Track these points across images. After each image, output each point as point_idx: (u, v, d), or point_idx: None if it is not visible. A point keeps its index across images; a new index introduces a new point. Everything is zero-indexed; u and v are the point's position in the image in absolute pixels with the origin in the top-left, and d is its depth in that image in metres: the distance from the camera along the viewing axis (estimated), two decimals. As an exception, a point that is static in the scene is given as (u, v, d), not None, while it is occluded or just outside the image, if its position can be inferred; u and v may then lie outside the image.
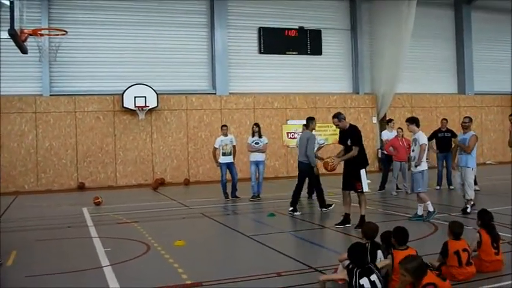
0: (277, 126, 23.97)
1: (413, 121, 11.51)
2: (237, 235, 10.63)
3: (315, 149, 15.20)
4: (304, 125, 14.80)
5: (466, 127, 12.09)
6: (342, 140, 10.93)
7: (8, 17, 11.02)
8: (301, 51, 25.00)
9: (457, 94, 28.29)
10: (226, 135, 16.13)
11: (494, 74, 28.67)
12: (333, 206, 12.83)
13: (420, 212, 11.31)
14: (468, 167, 11.69)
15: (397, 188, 16.00)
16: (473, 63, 28.36)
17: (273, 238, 9.95)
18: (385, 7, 24.94)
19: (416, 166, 11.23)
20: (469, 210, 11.52)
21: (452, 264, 6.59)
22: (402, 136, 15.62)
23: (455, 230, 6.87)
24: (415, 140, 11.35)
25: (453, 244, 6.74)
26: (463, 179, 11.78)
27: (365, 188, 10.74)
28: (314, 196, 13.90)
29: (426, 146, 11.28)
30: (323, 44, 25.36)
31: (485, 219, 7.27)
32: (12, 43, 11.99)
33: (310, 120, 13.20)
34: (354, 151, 10.52)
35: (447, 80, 28.28)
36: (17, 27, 11.29)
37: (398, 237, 6.39)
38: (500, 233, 7.50)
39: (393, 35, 24.27)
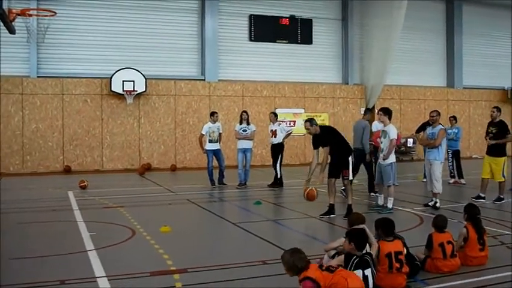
0: (266, 115, 23.79)
1: (386, 112, 11.52)
2: (223, 222, 10.63)
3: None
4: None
5: (434, 121, 12.03)
6: (315, 145, 10.94)
7: (-4, -4, 10.89)
8: (292, 40, 24.92)
9: (446, 87, 28.40)
10: (214, 122, 16.08)
11: (483, 68, 28.81)
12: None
13: (380, 202, 11.52)
14: (437, 160, 11.62)
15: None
16: (462, 57, 28.45)
17: (259, 226, 9.96)
18: (377, -2, 24.93)
19: (384, 159, 11.29)
20: (438, 204, 11.48)
21: (437, 256, 6.62)
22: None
23: (439, 224, 6.95)
24: (385, 132, 11.35)
25: (437, 236, 6.79)
26: (430, 173, 11.74)
27: (351, 176, 10.89)
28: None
29: (395, 141, 11.29)
30: (313, 33, 25.31)
31: (472, 213, 7.30)
32: (0, 23, 11.85)
33: (368, 110, 13.96)
34: (325, 152, 10.66)
35: (436, 73, 28.37)
36: (5, 6, 11.16)
37: (385, 228, 6.40)
38: (486, 227, 7.56)
39: (383, 27, 24.24)
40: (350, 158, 10.83)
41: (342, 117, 25.30)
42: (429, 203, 11.75)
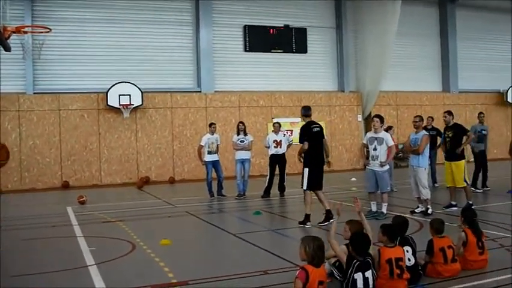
0: (263, 125, 23.93)
1: (382, 120, 11.69)
2: (222, 233, 10.61)
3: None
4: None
5: (417, 126, 12.02)
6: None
7: (-9, 14, 10.92)
8: (287, 49, 24.98)
9: (442, 92, 28.45)
10: (213, 133, 16.11)
11: (478, 72, 28.85)
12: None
13: (374, 208, 11.51)
14: (420, 167, 11.62)
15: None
16: (457, 61, 28.50)
17: (259, 236, 9.98)
18: (370, 5, 24.98)
19: (382, 166, 11.34)
20: (430, 211, 11.46)
21: (438, 261, 6.65)
22: (391, 135, 15.60)
23: (436, 226, 7.00)
24: (380, 139, 11.37)
25: (438, 241, 6.82)
26: (415, 179, 11.71)
27: (305, 186, 10.84)
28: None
29: (394, 147, 11.57)
30: (308, 42, 25.38)
31: (469, 216, 7.32)
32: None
33: (481, 113, 17.55)
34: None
35: (432, 78, 28.41)
36: (0, 24, 11.18)
37: (389, 234, 6.38)
38: (485, 230, 7.58)
39: (378, 33, 24.30)
40: (306, 169, 10.95)
41: (339, 125, 25.37)
42: (416, 210, 11.75)
